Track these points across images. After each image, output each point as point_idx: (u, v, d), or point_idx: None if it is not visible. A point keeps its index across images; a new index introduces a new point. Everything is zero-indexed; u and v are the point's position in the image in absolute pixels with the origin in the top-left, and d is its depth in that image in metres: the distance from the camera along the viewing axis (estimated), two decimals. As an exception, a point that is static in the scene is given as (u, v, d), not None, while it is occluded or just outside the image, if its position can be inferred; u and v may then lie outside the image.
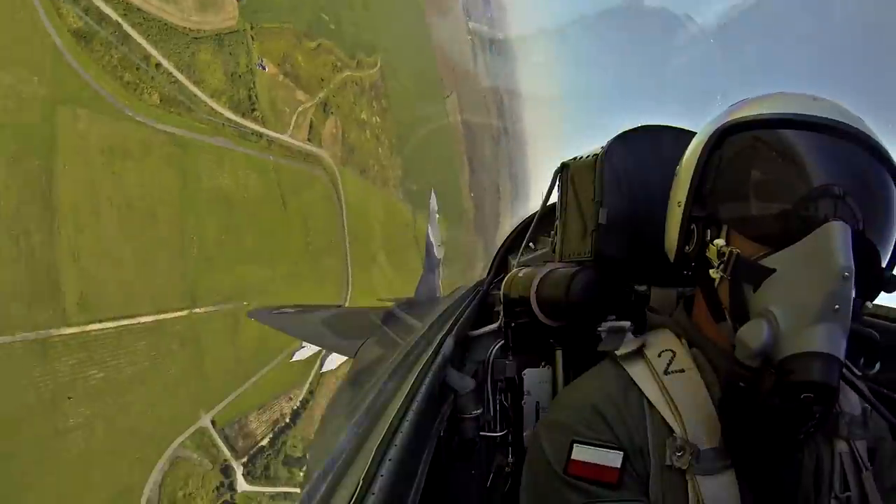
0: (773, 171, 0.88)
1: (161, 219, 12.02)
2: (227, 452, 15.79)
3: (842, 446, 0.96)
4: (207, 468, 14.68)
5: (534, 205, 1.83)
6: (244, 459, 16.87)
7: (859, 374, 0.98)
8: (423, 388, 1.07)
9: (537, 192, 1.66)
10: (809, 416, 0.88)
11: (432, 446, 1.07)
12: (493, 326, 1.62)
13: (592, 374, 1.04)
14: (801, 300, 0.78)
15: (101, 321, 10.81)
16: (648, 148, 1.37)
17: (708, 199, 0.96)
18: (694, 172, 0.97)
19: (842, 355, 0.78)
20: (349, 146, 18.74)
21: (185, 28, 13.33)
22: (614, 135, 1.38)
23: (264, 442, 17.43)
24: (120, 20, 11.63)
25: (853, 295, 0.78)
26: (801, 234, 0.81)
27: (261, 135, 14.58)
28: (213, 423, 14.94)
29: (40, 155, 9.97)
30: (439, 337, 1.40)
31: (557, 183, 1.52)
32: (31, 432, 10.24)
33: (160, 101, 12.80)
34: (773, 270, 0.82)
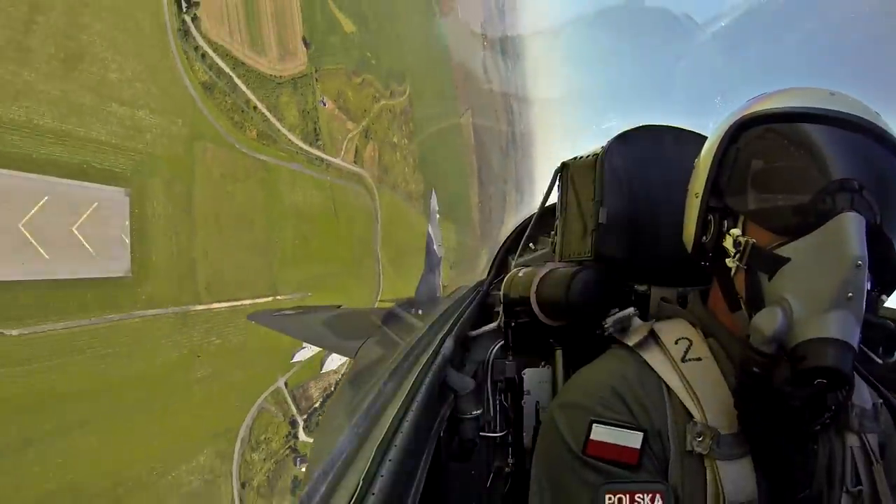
0: (790, 164, 0.79)
1: (256, 226, 14.35)
2: (293, 409, 17.97)
3: (853, 440, 0.86)
4: (280, 419, 16.84)
5: (535, 207, 1.64)
6: (304, 416, 18.55)
7: (880, 361, 0.89)
8: (423, 389, 0.98)
9: (538, 192, 1.52)
10: (823, 406, 0.80)
11: (432, 447, 0.99)
12: (493, 326, 1.47)
13: (606, 358, 0.95)
14: (814, 288, 0.72)
15: (219, 301, 13.05)
16: (649, 148, 1.23)
17: (725, 190, 0.87)
18: (711, 164, 0.88)
19: (855, 343, 0.71)
20: (384, 166, 20.46)
21: (271, 75, 15.37)
22: (614, 135, 1.25)
23: (317, 404, 19.04)
24: (231, 73, 13.93)
25: (867, 285, 0.72)
26: (816, 225, 0.74)
27: (322, 160, 16.52)
28: (285, 384, 17.19)
29: (184, 178, 12.39)
30: (439, 337, 1.29)
31: (558, 183, 1.38)
32: (172, 381, 12.68)
33: (256, 135, 14.91)
34: (788, 259, 0.75)
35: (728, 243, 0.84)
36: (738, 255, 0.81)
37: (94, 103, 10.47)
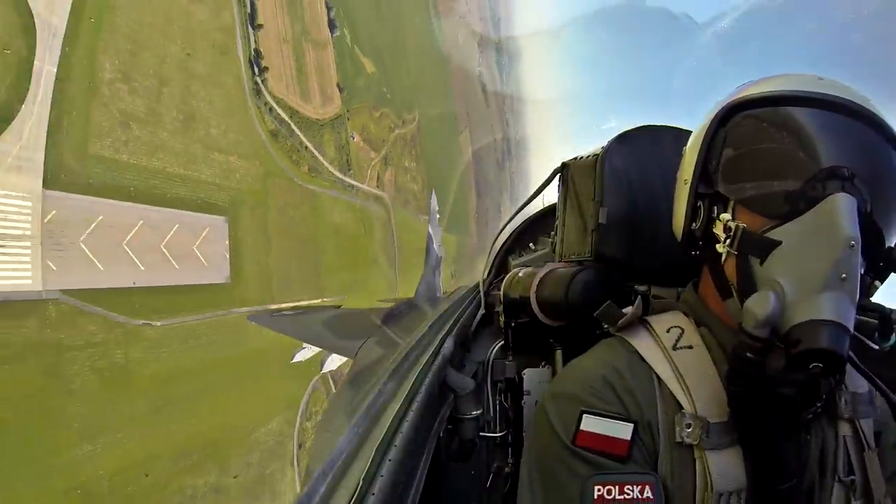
0: (779, 149, 0.74)
1: (307, 242, 17.89)
2: (333, 389, 20.93)
3: (845, 429, 0.81)
4: (324, 397, 19.35)
5: (533, 207, 1.57)
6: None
7: (875, 347, 0.83)
8: (423, 389, 0.95)
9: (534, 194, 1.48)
10: (815, 395, 0.75)
11: (432, 447, 0.96)
12: (493, 326, 1.44)
13: (598, 348, 0.91)
14: (807, 270, 0.67)
15: (285, 302, 16.43)
16: (648, 148, 1.18)
17: (714, 175, 0.82)
18: (700, 149, 0.83)
19: (850, 325, 0.65)
20: (398, 187, 23.96)
21: (316, 119, 18.89)
22: (614, 135, 1.19)
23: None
24: (289, 121, 17.32)
25: (861, 268, 0.66)
26: (807, 208, 0.69)
27: (353, 186, 19.95)
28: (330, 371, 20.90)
29: (261, 207, 16.02)
30: (439, 337, 1.24)
31: (557, 183, 1.32)
32: (256, 363, 15.67)
33: (307, 170, 18.35)
34: (780, 242, 0.70)
35: (718, 229, 0.79)
36: (728, 241, 0.77)
37: (203, 153, 14.06)
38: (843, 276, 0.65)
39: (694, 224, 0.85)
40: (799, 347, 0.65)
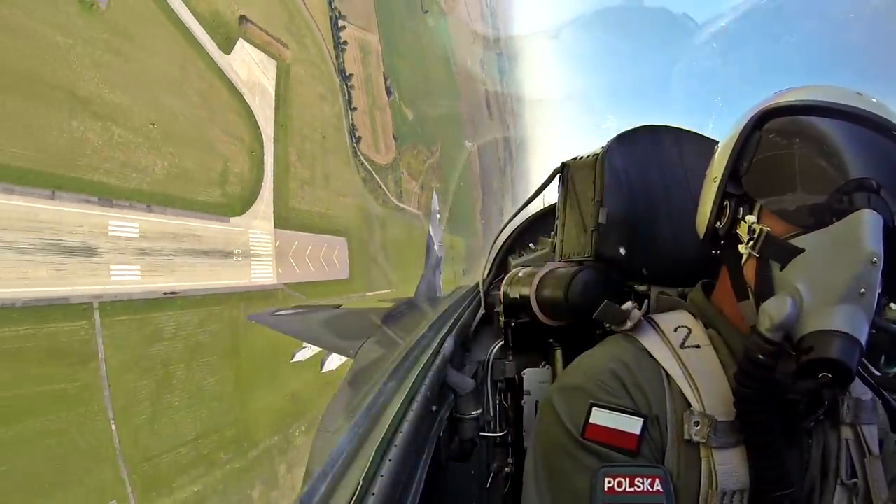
0: (810, 157, 0.68)
1: (381, 252, 24.76)
2: None
3: (848, 433, 0.74)
4: None
5: (532, 209, 1.44)
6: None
7: (878, 373, 0.78)
8: (423, 389, 0.90)
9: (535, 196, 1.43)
10: (819, 402, 0.68)
11: (432, 446, 0.89)
12: (493, 326, 1.35)
13: (605, 344, 0.83)
14: (827, 280, 0.62)
15: (372, 291, 23.49)
16: (648, 148, 1.08)
17: (744, 177, 0.74)
18: (733, 150, 0.75)
19: (863, 339, 0.59)
20: (426, 206, 30.61)
21: (383, 164, 26.28)
22: (614, 135, 1.06)
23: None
24: (371, 169, 25.01)
25: (879, 286, 0.61)
26: (833, 219, 0.64)
27: (403, 209, 26.53)
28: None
29: (362, 230, 23.53)
30: (439, 337, 1.17)
31: (557, 183, 1.21)
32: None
33: (382, 202, 25.74)
34: (803, 250, 0.65)
35: (742, 230, 0.73)
36: (751, 243, 0.71)
37: (332, 197, 21.60)
38: (862, 290, 0.60)
39: (718, 222, 0.77)
40: (810, 355, 0.59)
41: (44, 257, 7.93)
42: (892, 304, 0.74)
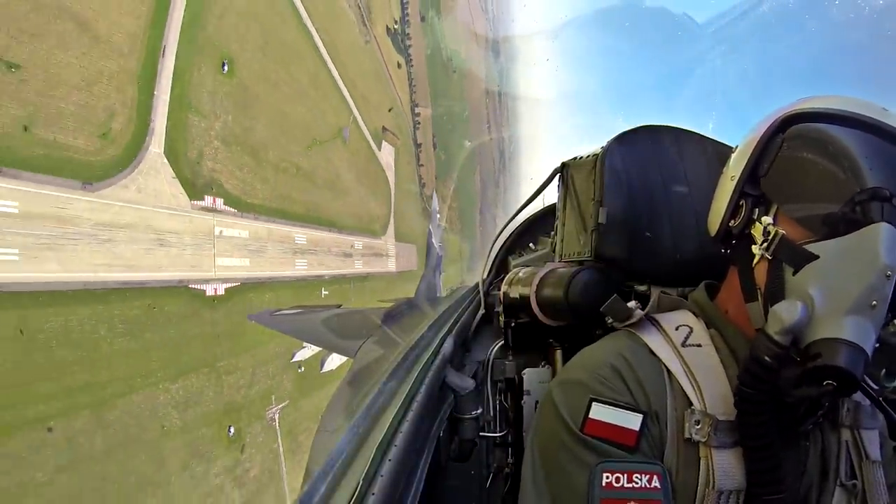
0: (829, 164, 0.68)
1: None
2: None
3: (847, 435, 0.73)
4: None
5: (530, 209, 1.45)
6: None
7: (876, 387, 0.79)
8: (423, 389, 0.89)
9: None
10: (819, 406, 0.67)
11: (432, 446, 0.89)
12: (493, 326, 1.35)
13: (606, 340, 0.82)
14: (840, 289, 0.62)
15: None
16: (648, 148, 1.07)
17: (762, 178, 0.74)
18: (753, 150, 0.75)
19: (870, 351, 0.59)
20: (449, 220, 36.69)
21: (429, 195, 31.12)
22: (614, 135, 1.06)
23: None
24: (424, 202, 29.51)
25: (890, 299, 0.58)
26: (849, 229, 0.64)
27: (440, 225, 30.19)
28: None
29: (421, 239, 27.93)
30: (439, 337, 1.16)
31: (557, 183, 1.21)
32: None
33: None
34: (817, 257, 0.64)
35: (757, 231, 0.72)
36: (765, 244, 0.70)
37: (404, 222, 26.29)
38: (874, 302, 0.60)
39: (732, 221, 0.77)
40: (817, 362, 0.59)
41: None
42: (895, 321, 0.71)
